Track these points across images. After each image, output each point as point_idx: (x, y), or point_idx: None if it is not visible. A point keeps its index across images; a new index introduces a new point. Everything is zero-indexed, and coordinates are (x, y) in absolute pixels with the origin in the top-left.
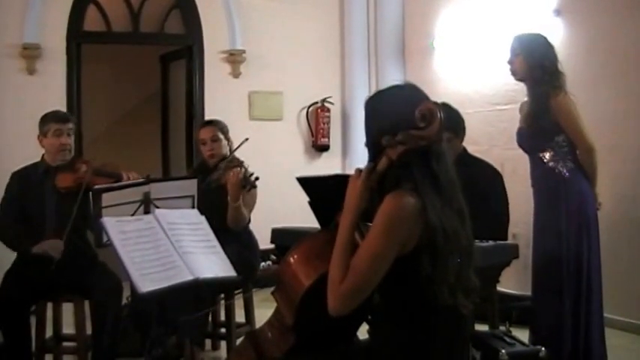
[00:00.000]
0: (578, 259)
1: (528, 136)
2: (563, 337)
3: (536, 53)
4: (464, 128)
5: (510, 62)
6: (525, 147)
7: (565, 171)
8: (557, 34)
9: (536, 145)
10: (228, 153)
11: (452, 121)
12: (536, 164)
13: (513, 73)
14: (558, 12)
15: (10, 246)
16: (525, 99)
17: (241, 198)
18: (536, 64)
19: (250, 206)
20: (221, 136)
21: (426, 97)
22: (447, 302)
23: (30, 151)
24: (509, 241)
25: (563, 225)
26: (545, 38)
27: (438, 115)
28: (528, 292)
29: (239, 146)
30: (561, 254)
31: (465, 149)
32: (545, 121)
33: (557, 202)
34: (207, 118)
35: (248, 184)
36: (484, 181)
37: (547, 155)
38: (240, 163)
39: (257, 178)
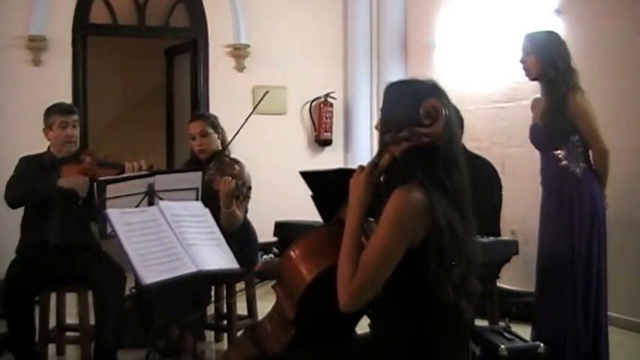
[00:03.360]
0: (589, 258)
1: (544, 134)
2: (578, 336)
3: (549, 52)
4: (462, 125)
5: (523, 62)
6: (539, 145)
7: (578, 171)
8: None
9: (551, 144)
10: (220, 147)
11: None
12: (549, 163)
13: (527, 72)
14: (559, 11)
15: (29, 196)
16: (537, 96)
17: (234, 203)
18: (549, 63)
19: (245, 205)
20: (210, 131)
21: (432, 94)
22: (452, 301)
23: (35, 142)
24: (509, 237)
25: (575, 225)
26: (557, 35)
27: (443, 112)
28: (528, 289)
29: (232, 139)
30: (573, 253)
31: (463, 146)
32: (562, 120)
33: (570, 202)
34: (210, 111)
35: (241, 194)
36: (481, 178)
37: (561, 154)
38: (231, 170)
39: (249, 188)
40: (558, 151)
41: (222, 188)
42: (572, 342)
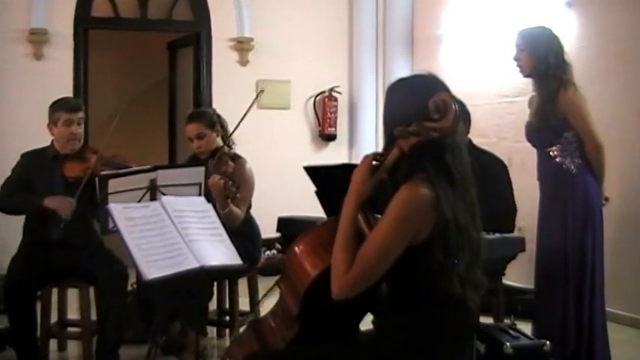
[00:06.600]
0: (582, 255)
1: (537, 131)
2: (567, 333)
3: (541, 48)
4: (469, 120)
5: (516, 59)
6: (534, 142)
7: (572, 167)
8: (569, 26)
9: (544, 141)
10: (220, 143)
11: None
12: (544, 159)
13: (520, 69)
14: (570, 4)
15: (17, 209)
16: (534, 93)
17: (230, 203)
18: (541, 59)
19: (246, 200)
20: (207, 132)
21: (443, 88)
22: (457, 292)
23: (36, 137)
24: (515, 234)
25: (568, 221)
26: (549, 31)
27: (453, 106)
28: (534, 286)
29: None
30: (566, 250)
31: (470, 141)
32: (554, 117)
33: (564, 198)
34: (214, 105)
35: (230, 193)
36: (491, 171)
37: (555, 150)
38: (225, 167)
39: (238, 187)
40: (552, 148)
41: (214, 189)
42: (560, 339)
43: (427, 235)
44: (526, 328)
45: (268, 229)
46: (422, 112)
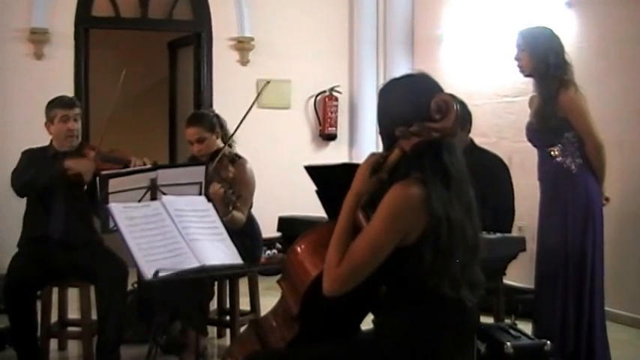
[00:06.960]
0: (582, 255)
1: (538, 131)
2: (567, 333)
3: (541, 48)
4: (470, 120)
5: (517, 59)
6: (535, 142)
7: (573, 167)
8: (568, 26)
9: (545, 141)
10: (221, 144)
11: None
12: (545, 159)
13: (520, 69)
14: (570, 4)
15: (38, 180)
16: (534, 93)
17: (231, 210)
18: (540, 59)
19: (247, 201)
20: (207, 135)
21: (440, 88)
22: (449, 294)
23: (37, 136)
24: (516, 233)
25: (568, 220)
26: (549, 30)
27: (454, 106)
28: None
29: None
30: (566, 250)
31: (472, 141)
32: (554, 117)
33: (564, 198)
34: (214, 105)
35: (230, 202)
36: (491, 171)
37: (556, 150)
38: (226, 174)
39: (238, 197)
40: (553, 148)
41: (215, 196)
42: (559, 339)
43: (419, 235)
44: (527, 327)
45: (269, 229)
46: (423, 112)
